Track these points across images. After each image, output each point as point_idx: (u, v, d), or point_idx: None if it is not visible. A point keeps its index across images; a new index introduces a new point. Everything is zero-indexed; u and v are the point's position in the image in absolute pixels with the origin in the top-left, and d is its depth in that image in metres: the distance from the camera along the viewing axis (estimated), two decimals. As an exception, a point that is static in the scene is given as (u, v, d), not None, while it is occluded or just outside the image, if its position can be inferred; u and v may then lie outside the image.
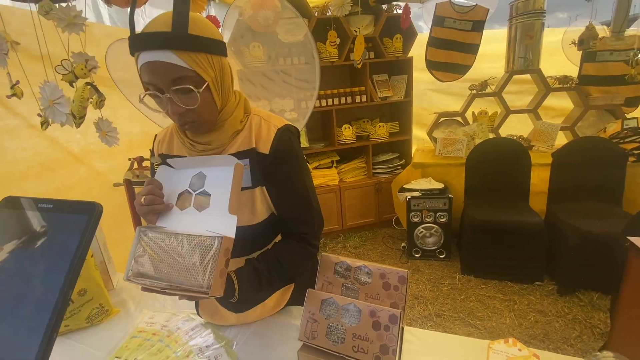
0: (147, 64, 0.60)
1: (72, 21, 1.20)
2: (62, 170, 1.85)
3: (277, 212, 0.80)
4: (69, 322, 0.96)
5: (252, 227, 0.77)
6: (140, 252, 0.66)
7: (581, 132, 2.82)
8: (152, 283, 0.63)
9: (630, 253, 0.90)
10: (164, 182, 0.72)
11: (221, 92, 0.69)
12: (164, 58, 0.59)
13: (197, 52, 0.62)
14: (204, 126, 0.70)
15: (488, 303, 2.11)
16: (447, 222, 2.53)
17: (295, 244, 0.80)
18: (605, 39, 2.61)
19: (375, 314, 0.67)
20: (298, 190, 0.78)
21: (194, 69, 0.61)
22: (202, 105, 0.64)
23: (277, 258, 0.77)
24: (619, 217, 2.03)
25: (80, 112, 1.30)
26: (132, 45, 0.61)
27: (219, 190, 0.67)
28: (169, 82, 0.61)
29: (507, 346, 0.77)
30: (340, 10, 2.47)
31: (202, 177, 0.70)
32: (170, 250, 0.64)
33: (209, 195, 0.68)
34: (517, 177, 2.47)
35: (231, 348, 0.86)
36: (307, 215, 0.80)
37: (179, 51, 0.59)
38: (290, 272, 0.79)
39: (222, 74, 0.68)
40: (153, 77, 0.61)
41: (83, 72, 1.28)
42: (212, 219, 0.66)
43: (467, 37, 2.88)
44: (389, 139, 3.23)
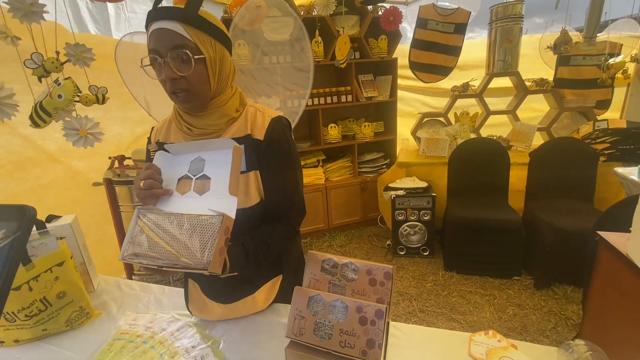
0: (156, 31, 0.68)
1: (29, 9, 1.14)
2: (36, 169, 1.78)
3: (266, 195, 0.83)
4: (47, 326, 0.93)
5: (245, 210, 0.80)
6: (138, 231, 0.66)
7: (556, 132, 2.95)
8: (149, 262, 0.63)
9: (600, 246, 0.95)
10: (162, 167, 0.73)
11: (217, 77, 0.74)
12: (171, 26, 0.67)
13: (202, 31, 0.69)
14: (194, 99, 0.73)
15: (469, 298, 2.17)
16: (431, 220, 2.59)
17: (280, 226, 0.84)
18: (579, 44, 2.74)
19: (362, 309, 0.68)
20: (287, 176, 0.83)
21: (194, 41, 0.68)
22: (194, 74, 0.70)
23: (264, 238, 0.80)
24: (590, 214, 2.14)
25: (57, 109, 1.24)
26: (149, 16, 0.69)
27: (218, 173, 0.68)
28: (170, 47, 0.68)
29: (487, 338, 0.80)
30: (325, 10, 2.48)
31: (200, 162, 0.71)
32: (171, 229, 0.65)
33: (209, 178, 0.69)
34: (497, 176, 2.56)
35: (218, 348, 0.85)
36: (293, 200, 0.85)
37: (185, 24, 0.67)
38: (275, 252, 0.84)
39: (221, 61, 0.74)
40: (157, 42, 0.68)
41: (54, 65, 1.22)
42: (212, 201, 0.67)
43: (449, 40, 2.95)
44: (374, 138, 3.27)
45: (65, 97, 1.22)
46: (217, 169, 0.69)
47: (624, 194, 2.03)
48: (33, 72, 1.23)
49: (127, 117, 2.32)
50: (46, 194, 1.79)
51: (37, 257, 0.90)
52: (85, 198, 1.96)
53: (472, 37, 3.55)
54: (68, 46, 1.30)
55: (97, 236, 2.02)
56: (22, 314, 0.88)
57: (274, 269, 0.93)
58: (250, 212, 0.81)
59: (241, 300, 0.90)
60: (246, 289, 0.90)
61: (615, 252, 0.91)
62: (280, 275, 0.95)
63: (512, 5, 2.75)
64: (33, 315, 0.89)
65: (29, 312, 0.89)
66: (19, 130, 1.64)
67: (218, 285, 0.90)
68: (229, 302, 0.90)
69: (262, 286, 0.92)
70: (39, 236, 0.94)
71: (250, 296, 0.90)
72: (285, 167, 0.83)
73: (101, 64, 2.03)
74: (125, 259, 0.66)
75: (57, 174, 1.86)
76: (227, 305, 0.91)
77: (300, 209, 0.88)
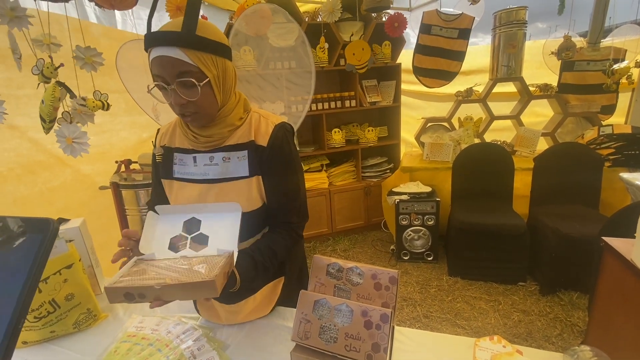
0: (157, 58, 0.68)
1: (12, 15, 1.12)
2: (45, 173, 1.81)
3: (268, 200, 0.85)
4: (55, 328, 0.94)
5: (247, 214, 0.81)
6: (133, 270, 0.66)
7: (561, 138, 2.94)
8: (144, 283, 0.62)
9: (605, 252, 0.95)
10: (153, 227, 0.74)
11: (222, 90, 0.76)
12: (172, 54, 0.66)
13: (202, 52, 0.69)
14: (203, 119, 0.76)
15: (474, 304, 2.16)
16: (435, 225, 2.58)
17: (283, 232, 0.86)
18: (583, 49, 2.74)
19: (367, 313, 0.69)
20: (289, 181, 0.85)
21: (198, 66, 0.68)
22: (202, 98, 0.71)
23: (269, 245, 0.82)
24: (595, 219, 2.12)
25: (50, 114, 1.25)
26: (147, 41, 0.69)
27: (217, 232, 0.71)
28: (175, 75, 0.68)
29: (492, 343, 0.80)
30: (330, 17, 2.51)
31: (196, 222, 0.73)
32: (173, 266, 0.66)
33: (207, 236, 0.72)
34: (501, 181, 2.55)
35: (224, 351, 0.86)
36: (294, 204, 0.87)
37: (185, 49, 0.67)
38: (282, 257, 0.85)
39: (224, 74, 0.75)
40: (161, 70, 0.68)
41: (49, 71, 1.24)
42: (210, 251, 0.70)
43: (453, 45, 2.97)
44: (378, 143, 3.28)
45: (45, 103, 1.22)
46: (216, 229, 0.71)
47: (630, 200, 2.02)
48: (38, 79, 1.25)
49: (133, 121, 2.35)
50: (55, 197, 1.82)
51: (47, 259, 0.91)
52: (92, 202, 1.98)
53: (475, 43, 3.57)
54: (78, 49, 1.32)
55: (104, 239, 2.03)
56: (30, 316, 0.90)
57: (277, 271, 0.94)
58: (252, 216, 0.83)
59: (243, 301, 0.92)
60: (248, 291, 0.91)
61: (620, 257, 0.91)
62: (282, 277, 0.96)
63: (516, 11, 2.76)
64: (42, 317, 0.91)
65: (38, 314, 0.90)
66: (28, 135, 1.67)
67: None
68: (232, 302, 0.91)
69: (263, 287, 0.93)
70: (49, 239, 0.96)
71: (251, 297, 0.92)
72: (287, 173, 0.84)
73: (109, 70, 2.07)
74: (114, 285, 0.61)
75: (66, 177, 1.89)
76: (230, 306, 0.92)
77: (302, 213, 0.89)
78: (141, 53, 0.73)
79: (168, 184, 0.88)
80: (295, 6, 2.76)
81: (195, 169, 0.83)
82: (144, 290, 0.61)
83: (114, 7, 1.26)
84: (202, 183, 0.83)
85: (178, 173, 0.85)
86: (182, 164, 0.85)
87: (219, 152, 0.82)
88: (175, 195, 0.87)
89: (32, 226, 0.50)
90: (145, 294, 0.61)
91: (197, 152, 0.83)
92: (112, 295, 0.61)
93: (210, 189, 0.82)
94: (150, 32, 0.69)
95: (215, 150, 0.82)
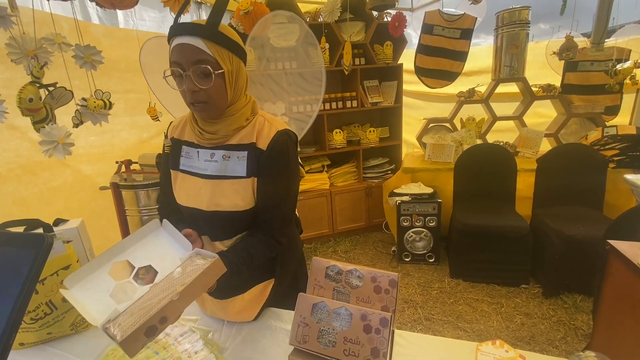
0: (178, 45, 0.72)
1: None
2: (45, 173, 1.81)
3: (257, 202, 0.85)
4: (52, 330, 0.93)
5: (239, 213, 0.84)
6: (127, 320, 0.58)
7: (564, 139, 2.91)
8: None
9: (610, 256, 0.93)
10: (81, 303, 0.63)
11: (234, 86, 0.79)
12: (193, 42, 0.71)
13: (221, 46, 0.74)
14: (211, 110, 0.79)
15: (476, 306, 2.14)
16: (436, 227, 2.56)
17: (262, 237, 0.86)
18: (586, 49, 2.72)
19: (367, 317, 0.67)
20: (280, 186, 0.86)
21: (215, 57, 0.73)
22: (214, 88, 0.75)
23: (246, 248, 0.84)
24: (600, 221, 2.10)
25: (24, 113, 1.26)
26: (171, 31, 0.74)
27: (160, 257, 0.71)
28: (192, 62, 0.72)
29: (494, 348, 0.79)
30: (330, 16, 2.50)
31: (125, 266, 0.69)
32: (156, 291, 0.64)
33: (151, 265, 0.70)
34: (503, 182, 2.53)
35: (221, 354, 0.85)
36: (279, 210, 0.87)
37: (206, 40, 0.72)
38: (258, 260, 0.85)
39: (238, 73, 0.79)
40: (180, 57, 0.73)
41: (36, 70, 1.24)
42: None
43: (455, 45, 2.95)
44: (379, 144, 3.26)
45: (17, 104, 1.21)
46: (152, 255, 0.71)
47: (635, 202, 1.99)
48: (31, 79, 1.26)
49: (133, 121, 2.35)
50: (54, 198, 1.81)
51: (44, 260, 0.91)
52: (93, 202, 1.98)
53: (477, 43, 3.54)
54: (77, 47, 1.32)
55: (103, 240, 2.03)
56: (27, 317, 0.89)
57: (266, 273, 0.95)
58: (244, 215, 0.85)
59: (231, 299, 0.93)
60: (237, 288, 0.93)
61: (626, 261, 0.89)
62: (272, 280, 0.96)
63: (518, 11, 2.74)
64: (38, 318, 0.90)
65: (35, 315, 0.89)
66: (28, 135, 1.67)
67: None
68: (221, 298, 0.93)
69: (252, 287, 0.94)
70: (46, 240, 0.95)
71: (239, 296, 0.93)
72: (279, 178, 0.85)
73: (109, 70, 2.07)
74: (130, 332, 0.54)
75: (66, 177, 1.89)
76: (220, 302, 0.94)
77: (285, 220, 0.90)
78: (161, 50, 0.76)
79: (174, 174, 0.91)
80: (296, 7, 2.75)
81: (198, 163, 0.86)
82: (164, 311, 0.57)
83: (115, 7, 1.26)
84: (202, 178, 0.85)
85: (183, 165, 0.89)
86: (188, 157, 0.88)
87: (221, 150, 0.84)
88: (178, 186, 0.90)
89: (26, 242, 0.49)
90: (167, 316, 0.57)
91: (201, 147, 0.86)
92: (132, 343, 0.54)
93: (208, 184, 0.84)
94: (175, 23, 0.74)
95: (217, 147, 0.84)
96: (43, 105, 1.31)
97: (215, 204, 0.83)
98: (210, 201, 0.83)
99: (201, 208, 0.85)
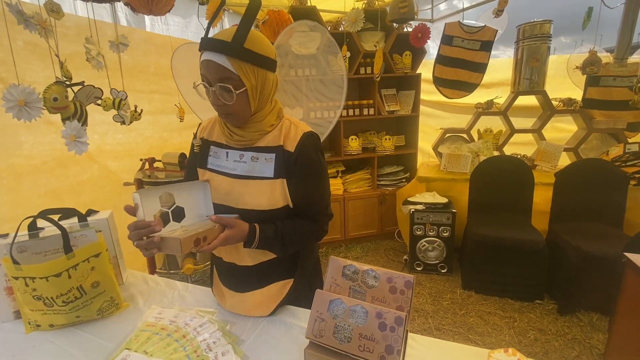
0: (205, 61, 0.77)
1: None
2: (76, 167, 1.90)
3: (294, 202, 0.90)
4: (81, 313, 0.99)
5: (266, 212, 0.88)
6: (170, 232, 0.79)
7: (584, 154, 2.86)
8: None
9: (626, 269, 0.92)
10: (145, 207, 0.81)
11: (258, 98, 0.83)
12: (218, 60, 0.75)
13: (245, 62, 0.76)
14: (235, 120, 0.85)
15: (488, 319, 2.11)
16: (450, 237, 2.55)
17: (310, 222, 0.93)
18: (609, 65, 2.68)
19: (382, 315, 0.70)
20: (315, 186, 0.91)
21: (238, 74, 0.76)
22: (236, 104, 0.79)
23: (295, 226, 0.90)
24: (619, 239, 2.05)
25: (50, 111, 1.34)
26: (201, 44, 0.78)
27: (190, 204, 0.86)
28: (217, 79, 0.77)
29: (507, 356, 0.79)
30: (353, 26, 2.55)
31: (170, 196, 0.82)
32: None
33: (182, 208, 0.84)
34: (520, 195, 2.50)
35: (238, 346, 0.88)
36: (318, 207, 0.93)
37: (231, 57, 0.75)
38: (303, 239, 0.93)
39: (263, 85, 0.82)
40: (207, 72, 0.77)
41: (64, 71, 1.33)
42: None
43: (475, 56, 2.96)
44: (395, 151, 3.28)
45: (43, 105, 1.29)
46: (188, 201, 0.86)
47: (657, 220, 1.94)
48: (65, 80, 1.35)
49: (155, 120, 2.44)
50: (83, 190, 1.90)
51: (78, 247, 0.97)
52: (117, 197, 2.06)
53: (496, 55, 3.54)
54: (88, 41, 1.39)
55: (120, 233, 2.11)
56: (59, 300, 0.95)
57: (287, 271, 0.98)
58: (272, 214, 0.88)
59: (251, 292, 0.97)
60: (257, 282, 0.96)
61: (644, 277, 0.89)
62: (291, 279, 0.99)
63: (540, 25, 2.74)
64: (69, 301, 0.96)
65: (66, 298, 0.95)
66: (62, 130, 1.77)
67: (233, 275, 0.99)
68: (240, 290, 0.97)
69: (271, 284, 0.97)
70: (80, 228, 1.01)
71: (259, 290, 0.96)
72: (312, 178, 0.90)
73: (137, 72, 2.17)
74: (185, 236, 0.73)
75: (94, 172, 1.98)
76: (239, 295, 0.98)
77: (327, 213, 0.96)
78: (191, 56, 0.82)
79: (201, 173, 0.95)
80: (318, 16, 2.83)
81: (226, 163, 0.90)
82: (206, 233, 0.77)
83: (152, 13, 1.34)
84: (230, 177, 0.89)
85: (211, 164, 0.93)
86: (216, 156, 0.93)
87: (249, 152, 0.88)
88: None
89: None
90: (207, 236, 0.77)
91: (230, 148, 0.91)
92: (186, 244, 0.72)
93: (236, 184, 0.88)
94: (206, 37, 0.78)
95: (247, 149, 0.89)
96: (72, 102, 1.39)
97: (242, 202, 0.87)
98: (237, 200, 0.88)
99: (228, 205, 0.89)
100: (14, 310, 1.03)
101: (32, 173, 1.70)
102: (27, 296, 0.92)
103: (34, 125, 1.70)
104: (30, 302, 0.93)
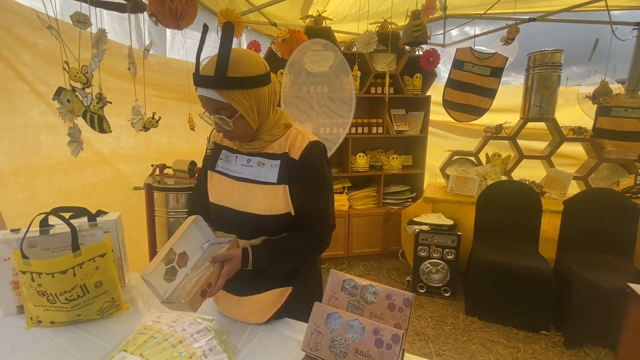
0: (200, 96, 0.82)
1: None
2: (89, 169, 1.96)
3: (296, 210, 0.91)
4: (82, 312, 1.00)
5: (266, 217, 0.90)
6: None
7: (595, 183, 2.83)
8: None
9: (630, 300, 0.90)
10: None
11: (257, 115, 0.86)
12: (208, 94, 0.79)
13: (233, 90, 0.79)
14: (241, 139, 0.90)
15: (491, 347, 2.04)
16: (455, 260, 2.51)
17: (308, 236, 0.93)
18: (620, 95, 2.68)
19: (379, 332, 0.69)
20: (318, 195, 0.92)
21: (230, 103, 0.80)
22: (236, 128, 0.84)
23: (289, 242, 0.92)
24: (629, 272, 1.99)
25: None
26: (193, 80, 0.82)
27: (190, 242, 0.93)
28: (213, 110, 0.83)
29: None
30: (366, 48, 2.62)
31: (171, 253, 0.89)
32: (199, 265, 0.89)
33: (183, 251, 0.90)
34: (527, 221, 2.47)
35: (234, 355, 0.88)
36: (320, 216, 0.94)
37: (218, 90, 0.78)
38: (300, 256, 0.95)
39: (257, 102, 0.84)
40: (203, 105, 0.84)
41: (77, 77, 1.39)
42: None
43: (485, 82, 3.00)
44: (402, 171, 3.28)
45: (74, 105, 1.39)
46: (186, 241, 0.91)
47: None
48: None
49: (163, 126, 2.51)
50: (93, 192, 1.95)
51: (85, 245, 0.99)
52: (126, 200, 2.11)
53: (507, 82, 3.57)
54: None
55: (133, 237, 2.14)
56: (62, 297, 0.96)
57: (287, 278, 0.99)
58: (272, 220, 0.90)
59: (248, 297, 0.97)
60: (256, 286, 0.97)
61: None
62: (290, 287, 0.99)
63: (551, 54, 2.77)
64: (72, 299, 0.97)
65: (69, 296, 0.97)
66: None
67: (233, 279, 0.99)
68: (239, 294, 0.98)
69: (271, 289, 0.98)
70: (89, 227, 1.04)
71: (256, 296, 0.97)
72: (314, 186, 0.91)
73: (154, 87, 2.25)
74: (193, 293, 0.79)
75: (106, 175, 2.04)
76: (236, 299, 0.99)
77: (328, 224, 0.96)
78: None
79: (210, 174, 0.99)
80: (332, 36, 2.92)
81: (234, 167, 0.94)
82: (209, 279, 0.81)
83: (179, 27, 1.40)
84: (235, 180, 0.93)
85: (220, 167, 0.97)
86: (226, 160, 0.97)
87: (257, 157, 0.92)
88: (213, 185, 0.98)
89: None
90: (211, 282, 0.82)
91: (239, 152, 0.95)
92: (194, 302, 0.78)
93: (240, 186, 0.92)
94: (196, 73, 0.81)
95: (254, 154, 0.92)
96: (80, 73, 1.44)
97: (244, 205, 0.90)
98: (239, 202, 0.91)
99: (231, 207, 0.92)
100: (18, 304, 1.04)
101: (47, 172, 1.75)
102: (32, 291, 0.94)
103: (54, 127, 1.77)
104: (34, 297, 0.95)
